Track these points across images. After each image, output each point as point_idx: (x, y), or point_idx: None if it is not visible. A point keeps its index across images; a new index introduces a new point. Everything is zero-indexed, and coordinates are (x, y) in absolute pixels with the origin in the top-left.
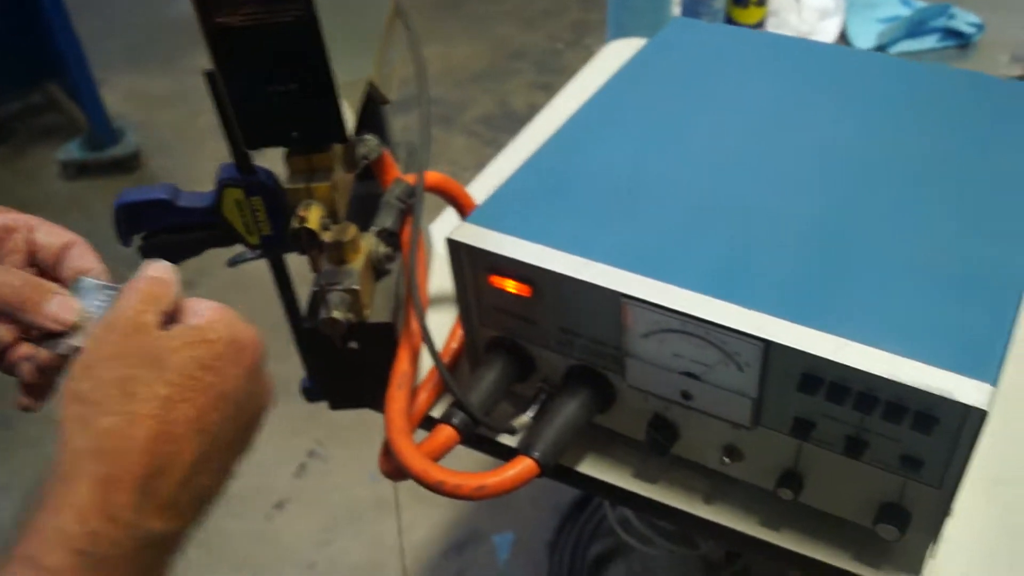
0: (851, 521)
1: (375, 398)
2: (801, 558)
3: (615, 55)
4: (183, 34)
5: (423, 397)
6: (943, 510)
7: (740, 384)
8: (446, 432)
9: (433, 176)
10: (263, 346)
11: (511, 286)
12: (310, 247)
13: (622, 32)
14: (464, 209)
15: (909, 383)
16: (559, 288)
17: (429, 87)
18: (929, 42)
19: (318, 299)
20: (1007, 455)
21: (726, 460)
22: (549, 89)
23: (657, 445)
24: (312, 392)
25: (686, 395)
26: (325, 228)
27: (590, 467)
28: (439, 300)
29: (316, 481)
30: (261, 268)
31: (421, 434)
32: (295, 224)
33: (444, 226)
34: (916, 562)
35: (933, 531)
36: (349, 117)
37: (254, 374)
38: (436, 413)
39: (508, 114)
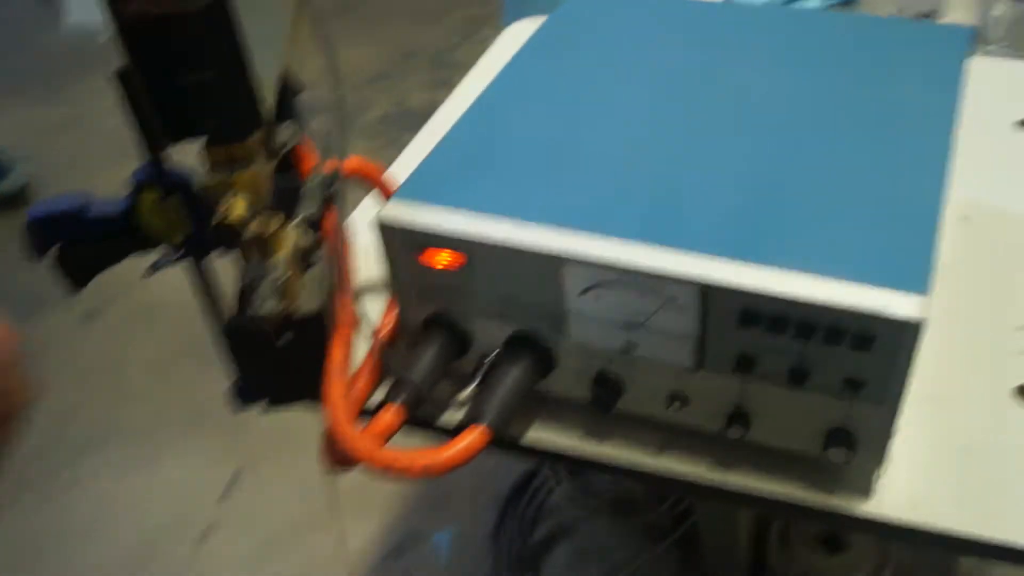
0: (801, 453)
1: (313, 391)
2: (755, 497)
3: (515, 38)
4: (68, 60)
5: (360, 385)
6: (888, 428)
7: (681, 327)
8: (391, 412)
9: (352, 161)
10: (15, 343)
11: (445, 259)
12: (237, 240)
13: (517, 17)
14: (385, 192)
15: (844, 306)
16: (494, 255)
17: (337, 75)
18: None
19: (247, 294)
20: (944, 373)
21: (675, 405)
22: (448, 84)
23: (603, 401)
24: (245, 394)
25: (628, 345)
26: (251, 219)
27: (538, 435)
28: (366, 288)
29: (244, 503)
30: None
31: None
32: (219, 217)
33: (362, 215)
34: (866, 483)
35: (880, 450)
36: (267, 101)
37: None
38: (373, 406)
39: (407, 113)
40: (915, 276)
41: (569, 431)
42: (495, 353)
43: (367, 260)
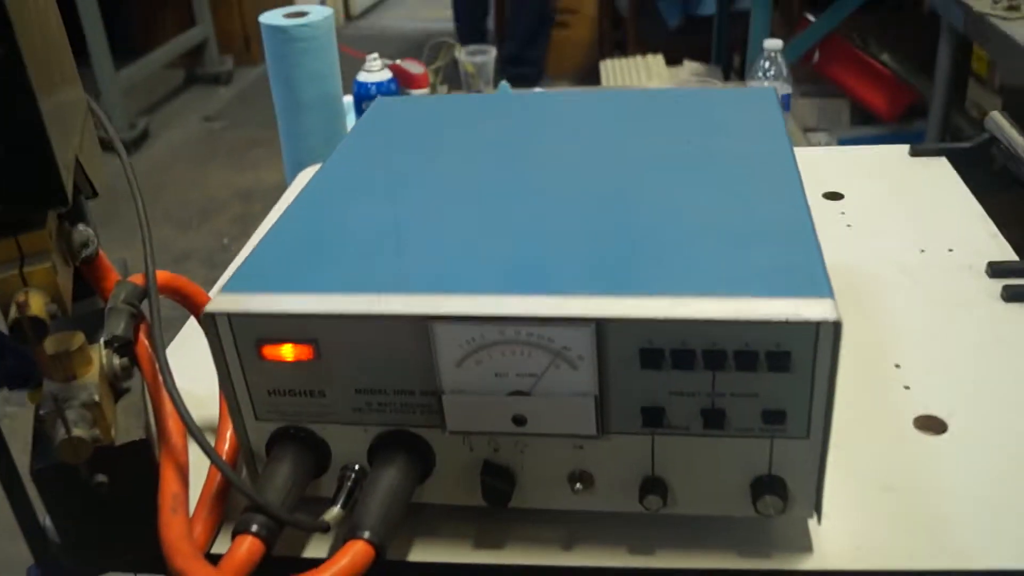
0: (728, 515)
1: (142, 540)
2: (684, 573)
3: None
4: None
5: (199, 529)
6: (816, 463)
7: (577, 384)
8: (247, 544)
9: (162, 275)
10: None
11: (289, 352)
12: (36, 341)
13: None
14: (200, 309)
15: (754, 319)
16: (348, 337)
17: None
18: None
19: (50, 424)
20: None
21: (578, 487)
22: None
23: (496, 493)
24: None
25: (518, 420)
26: (53, 317)
27: (423, 553)
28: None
29: None
30: None
31: None
32: (14, 313)
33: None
34: (804, 537)
35: (812, 492)
36: (68, 179)
37: None
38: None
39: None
40: (815, 283)
41: (457, 543)
42: (354, 466)
43: (194, 382)
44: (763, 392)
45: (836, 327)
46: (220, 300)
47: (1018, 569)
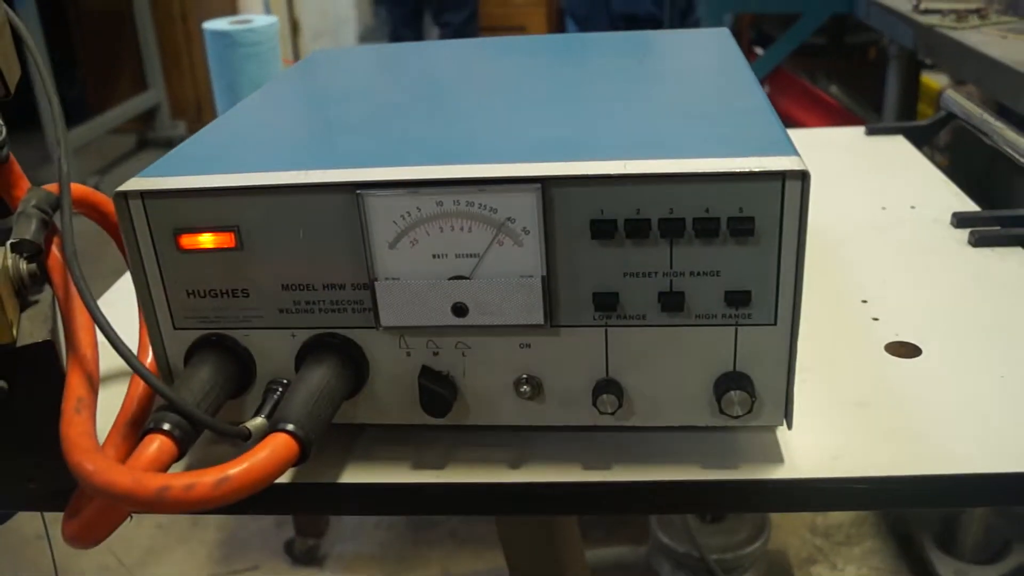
0: (692, 431)
1: (44, 449)
2: (650, 489)
3: None
4: None
5: (118, 442)
6: (786, 357)
7: (522, 264)
8: (157, 442)
9: (77, 188)
10: None
11: (209, 241)
12: None
13: None
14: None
15: (714, 171)
16: (272, 219)
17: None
18: None
19: None
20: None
21: (524, 391)
22: None
23: (436, 399)
24: None
25: (459, 309)
26: None
27: (356, 475)
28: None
29: None
30: None
31: None
32: None
33: None
34: (773, 447)
35: (781, 392)
36: None
37: None
38: None
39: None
40: (778, 143)
41: (398, 464)
42: (282, 380)
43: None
44: (725, 269)
45: (804, 178)
46: (134, 182)
47: (1000, 472)
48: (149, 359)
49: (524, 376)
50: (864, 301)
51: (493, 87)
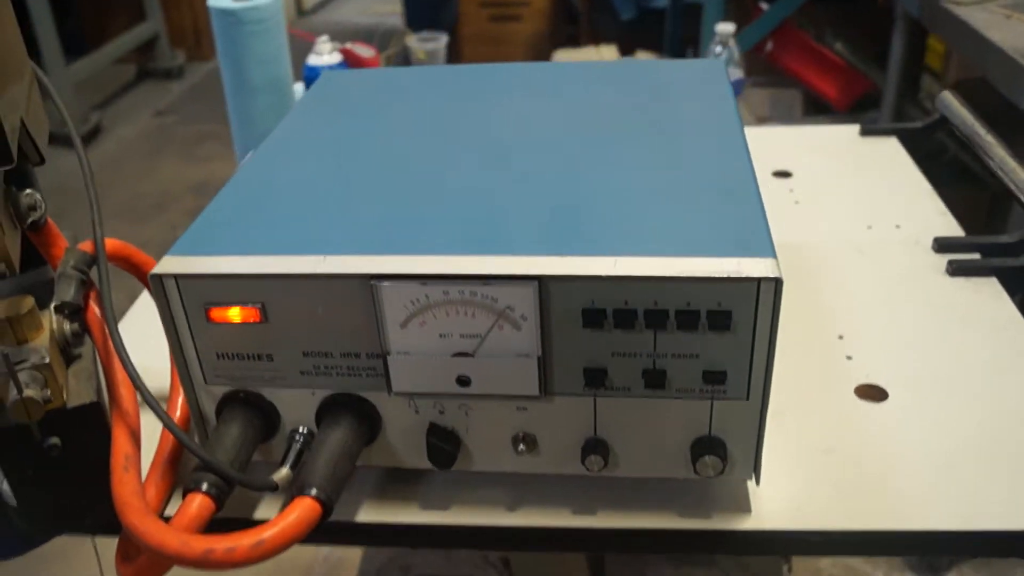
0: (671, 481)
1: (97, 503)
2: (628, 534)
3: None
4: None
5: (152, 492)
6: (756, 426)
7: (520, 345)
8: (198, 501)
9: (111, 243)
10: None
11: (236, 315)
12: None
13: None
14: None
15: (695, 275)
16: (294, 299)
17: (82, 151)
18: None
19: (2, 386)
20: (788, 386)
21: (521, 448)
22: None
23: (441, 454)
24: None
25: (463, 381)
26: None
27: (370, 514)
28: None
29: None
30: None
31: None
32: None
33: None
34: (743, 497)
35: (751, 453)
36: (13, 140)
37: None
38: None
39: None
40: (757, 243)
41: (404, 505)
42: (302, 428)
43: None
44: (704, 353)
45: (776, 284)
46: (167, 262)
47: (955, 530)
48: (180, 400)
49: (521, 433)
50: (840, 337)
51: (496, 142)
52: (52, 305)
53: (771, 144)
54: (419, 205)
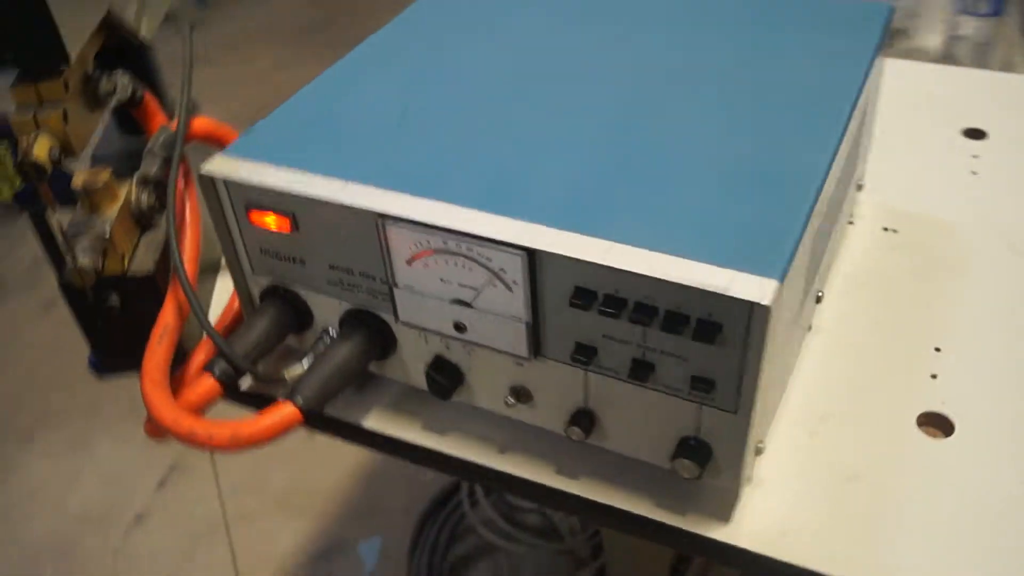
0: (653, 464)
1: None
2: (599, 508)
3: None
4: None
5: (202, 357)
6: (741, 443)
7: (512, 307)
8: (205, 383)
9: (202, 122)
10: None
11: (272, 222)
12: (39, 182)
13: None
14: None
15: (682, 282)
16: (319, 217)
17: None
18: None
19: (65, 249)
20: (846, 391)
21: (511, 401)
22: None
23: (438, 387)
24: (98, 365)
25: (459, 327)
26: (56, 162)
27: (377, 423)
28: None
29: (178, 493)
30: None
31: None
32: (21, 155)
33: None
34: (725, 507)
35: (734, 468)
36: (75, 40)
37: None
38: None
39: None
40: (772, 258)
41: (409, 420)
42: (330, 330)
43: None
44: (692, 358)
45: (767, 312)
46: (215, 162)
47: None
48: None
49: (518, 384)
50: (937, 349)
51: (559, 93)
52: (134, 177)
53: (971, 94)
54: (456, 144)
